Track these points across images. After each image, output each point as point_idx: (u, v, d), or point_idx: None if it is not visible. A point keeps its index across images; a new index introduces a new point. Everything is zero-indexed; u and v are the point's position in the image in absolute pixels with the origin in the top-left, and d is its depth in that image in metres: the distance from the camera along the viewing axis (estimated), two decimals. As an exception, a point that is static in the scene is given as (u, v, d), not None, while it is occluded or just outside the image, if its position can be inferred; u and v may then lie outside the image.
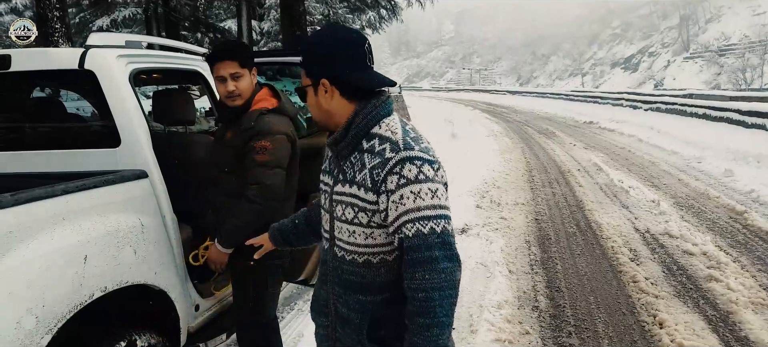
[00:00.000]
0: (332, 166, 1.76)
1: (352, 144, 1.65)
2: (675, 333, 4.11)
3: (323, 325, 1.85)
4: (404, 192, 1.53)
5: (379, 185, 1.56)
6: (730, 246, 6.15)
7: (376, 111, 1.66)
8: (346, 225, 1.66)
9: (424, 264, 1.51)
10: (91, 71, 2.70)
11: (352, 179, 1.63)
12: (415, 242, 1.52)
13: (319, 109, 1.70)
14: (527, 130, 20.84)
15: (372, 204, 1.59)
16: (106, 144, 2.74)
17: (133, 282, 2.41)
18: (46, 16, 10.06)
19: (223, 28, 21.52)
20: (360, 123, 1.64)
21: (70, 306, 2.08)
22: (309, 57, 1.70)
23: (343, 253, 1.70)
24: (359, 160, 1.63)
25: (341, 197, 1.66)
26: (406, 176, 1.53)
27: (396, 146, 1.58)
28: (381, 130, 1.63)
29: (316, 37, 1.72)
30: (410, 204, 1.52)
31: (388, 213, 1.57)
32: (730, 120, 18.84)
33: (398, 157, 1.55)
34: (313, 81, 1.68)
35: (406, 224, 1.53)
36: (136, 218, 2.51)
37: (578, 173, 11.04)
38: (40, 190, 2.08)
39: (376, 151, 1.60)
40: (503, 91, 63.33)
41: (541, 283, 5.20)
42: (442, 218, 1.54)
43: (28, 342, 1.90)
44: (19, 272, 1.93)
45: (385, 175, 1.56)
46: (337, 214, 1.69)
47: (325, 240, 1.79)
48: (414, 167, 1.54)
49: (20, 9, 22.34)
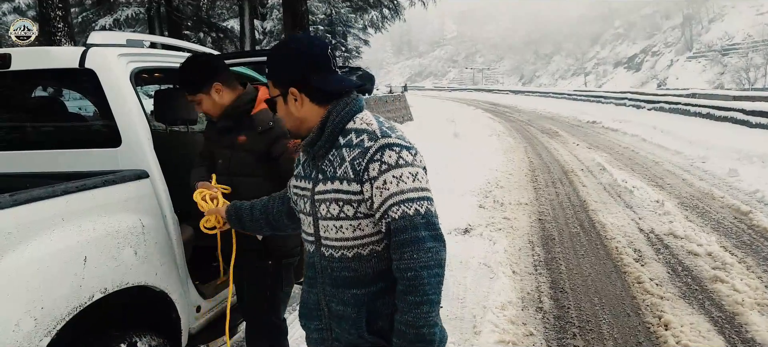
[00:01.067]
0: (309, 169, 1.78)
1: (328, 142, 1.69)
2: (680, 335, 4.07)
3: (317, 328, 1.85)
4: (386, 177, 1.58)
5: (361, 174, 1.61)
6: (735, 247, 6.11)
7: (349, 107, 1.71)
8: (331, 222, 1.68)
9: (411, 244, 1.56)
10: (91, 70, 2.67)
11: (333, 175, 1.66)
12: (402, 223, 1.56)
13: (291, 117, 1.74)
14: (530, 130, 20.79)
15: (356, 194, 1.62)
16: (107, 143, 2.71)
17: (134, 284, 2.38)
18: (49, 15, 10.07)
19: (225, 27, 21.52)
20: (335, 120, 1.68)
21: (70, 308, 2.05)
22: (274, 67, 1.74)
23: (330, 252, 1.71)
24: (338, 156, 1.67)
25: (324, 195, 1.68)
26: (386, 162, 1.59)
27: (373, 135, 1.63)
28: (356, 125, 1.68)
29: (279, 47, 1.77)
30: (393, 188, 1.57)
31: (373, 200, 1.60)
32: (734, 119, 18.80)
33: (377, 145, 1.61)
34: (282, 90, 1.72)
35: (392, 207, 1.57)
36: (136, 218, 2.48)
37: (582, 173, 11.00)
38: (39, 191, 2.06)
39: (355, 143, 1.64)
40: (506, 90, 63.32)
41: (544, 284, 5.17)
42: (425, 200, 1.60)
43: (26, 343, 1.87)
44: (18, 273, 1.91)
45: (366, 163, 1.60)
46: (322, 213, 1.70)
47: (308, 244, 1.81)
48: (393, 153, 1.60)
49: (23, 9, 22.35)
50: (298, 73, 1.69)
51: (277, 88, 1.73)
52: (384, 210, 1.59)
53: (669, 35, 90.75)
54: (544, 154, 14.09)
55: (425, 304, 1.55)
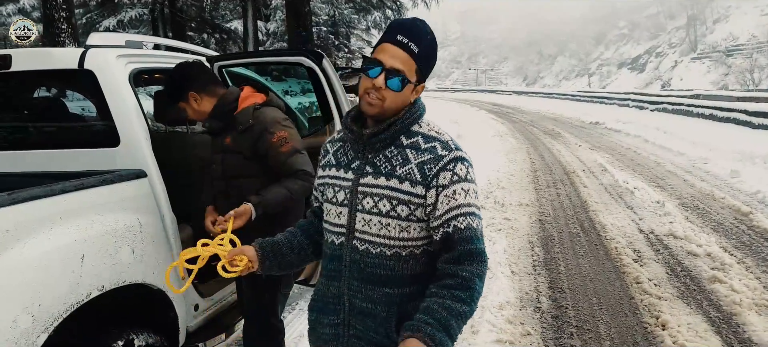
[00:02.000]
0: (351, 158, 1.74)
1: (390, 139, 1.67)
2: (677, 335, 4.08)
3: (332, 323, 1.79)
4: (457, 189, 1.60)
5: (430, 180, 1.61)
6: (734, 248, 6.11)
7: (420, 110, 1.72)
8: (377, 218, 1.65)
9: (474, 255, 1.58)
10: (90, 71, 2.71)
11: (391, 173, 1.64)
12: (468, 234, 1.58)
13: (400, 102, 1.67)
14: (533, 131, 20.79)
15: (418, 197, 1.62)
16: (106, 143, 2.74)
17: (131, 282, 2.41)
18: (53, 16, 10.13)
19: (229, 28, 21.57)
20: (406, 120, 1.67)
21: (67, 305, 2.08)
22: (430, 54, 1.70)
23: (366, 246, 1.68)
24: (399, 155, 1.65)
25: (373, 190, 1.65)
26: (458, 174, 1.61)
27: (447, 145, 1.65)
28: (423, 129, 1.69)
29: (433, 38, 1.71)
30: (462, 199, 1.60)
31: (437, 207, 1.60)
32: (736, 120, 18.77)
33: (452, 156, 1.62)
34: (419, 79, 1.68)
35: (458, 217, 1.59)
36: (134, 217, 2.51)
37: (583, 174, 11.00)
38: (37, 189, 2.09)
39: (424, 147, 1.64)
40: (509, 91, 63.27)
41: (543, 284, 5.19)
42: (480, 219, 1.65)
43: (24, 340, 1.91)
44: (15, 271, 1.94)
45: (437, 171, 1.61)
46: (365, 207, 1.67)
47: (335, 235, 1.75)
48: (464, 167, 1.63)
49: (28, 10, 22.45)
50: (434, 61, 1.71)
51: (418, 74, 1.67)
52: (447, 219, 1.59)
53: (673, 36, 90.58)
54: (546, 154, 14.09)
55: (467, 306, 1.55)
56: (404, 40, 1.63)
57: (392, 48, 1.62)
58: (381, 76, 1.60)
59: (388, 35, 1.65)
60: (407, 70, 1.62)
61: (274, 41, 22.96)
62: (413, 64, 1.64)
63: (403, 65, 1.62)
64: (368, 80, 1.62)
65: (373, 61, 1.64)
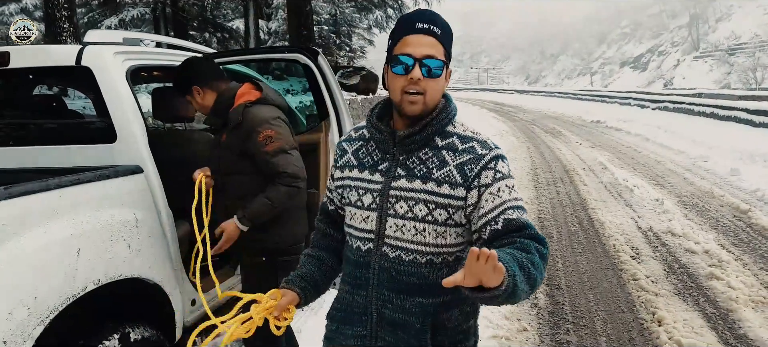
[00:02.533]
0: (378, 160, 1.65)
1: (424, 140, 1.59)
2: (673, 331, 4.10)
3: (359, 335, 1.69)
4: (501, 186, 1.54)
5: (472, 180, 1.54)
6: (732, 245, 6.12)
7: (454, 110, 1.65)
8: (412, 223, 1.57)
9: (537, 238, 1.48)
10: (87, 68, 2.73)
11: (427, 175, 1.56)
12: (521, 222, 1.50)
13: (439, 93, 1.60)
14: (534, 129, 20.78)
15: (459, 200, 1.55)
16: (103, 140, 2.77)
17: (127, 276, 2.44)
18: (55, 16, 10.18)
19: (230, 27, 21.61)
20: (443, 119, 1.60)
21: (63, 299, 2.11)
22: (449, 38, 1.60)
23: (398, 253, 1.59)
24: (435, 157, 1.58)
25: (407, 193, 1.57)
26: (501, 171, 1.55)
27: (485, 144, 1.59)
28: (458, 129, 1.63)
29: (443, 21, 1.61)
30: (507, 196, 1.53)
31: (480, 206, 1.53)
32: (737, 119, 18.75)
33: (492, 154, 1.57)
34: (447, 61, 1.59)
35: (507, 210, 1.51)
36: (130, 212, 2.54)
37: (583, 172, 11.01)
38: (33, 184, 2.12)
39: (461, 148, 1.58)
40: (511, 90, 63.20)
41: (541, 281, 5.20)
42: (527, 213, 1.57)
43: (19, 332, 1.94)
44: (11, 264, 1.97)
45: (479, 170, 1.55)
46: (398, 211, 1.58)
47: (361, 241, 1.65)
48: (505, 165, 1.58)
49: (30, 9, 22.50)
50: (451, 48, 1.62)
51: (446, 58, 1.58)
52: (495, 215, 1.51)
53: (676, 35, 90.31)
54: (546, 153, 14.10)
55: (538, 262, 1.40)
56: (425, 26, 1.54)
57: (416, 37, 1.53)
58: (417, 67, 1.51)
59: (405, 27, 1.56)
60: (438, 54, 1.54)
61: (275, 40, 22.97)
62: (441, 47, 1.56)
63: (434, 50, 1.53)
64: (401, 78, 1.53)
65: (400, 56, 1.53)
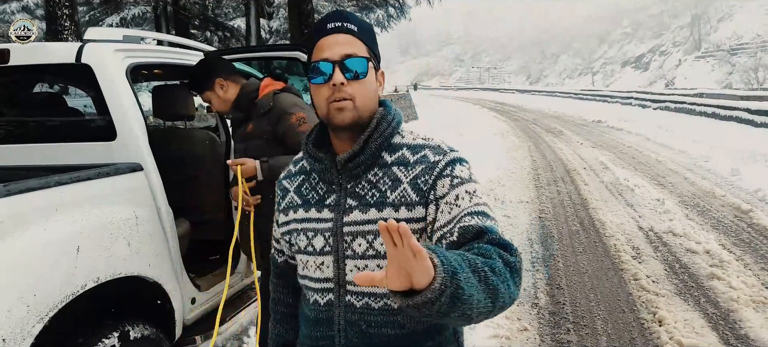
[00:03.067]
0: (324, 193, 1.41)
1: (370, 159, 1.35)
2: (674, 331, 4.09)
3: None
4: (459, 192, 1.30)
5: (428, 193, 1.31)
6: (733, 245, 6.11)
7: (396, 117, 1.42)
8: (375, 261, 1.32)
9: (501, 244, 1.20)
10: (87, 65, 2.73)
11: (382, 201, 1.33)
12: (482, 226, 1.23)
13: (371, 96, 1.37)
14: (535, 129, 20.78)
15: (420, 221, 1.32)
16: (102, 137, 2.77)
17: (127, 274, 2.44)
18: (56, 14, 10.17)
19: (232, 26, 21.61)
20: (385, 130, 1.37)
21: (62, 296, 2.10)
22: (370, 34, 1.40)
23: (365, 300, 1.34)
24: (387, 176, 1.35)
25: (363, 227, 1.33)
26: (458, 176, 1.32)
27: (438, 149, 1.37)
28: (406, 139, 1.40)
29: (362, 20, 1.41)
30: (467, 203, 1.28)
31: (438, 219, 1.30)
32: (739, 119, 18.76)
33: (447, 159, 1.34)
34: (375, 63, 1.38)
35: (464, 218, 1.26)
36: (130, 210, 2.54)
37: (584, 171, 11.00)
38: (33, 181, 2.11)
39: (413, 160, 1.35)
40: (512, 89, 63.24)
41: (541, 280, 5.20)
42: (495, 220, 1.30)
43: (19, 329, 1.93)
44: (11, 261, 1.96)
45: (433, 181, 1.31)
46: (358, 251, 1.33)
47: (319, 294, 1.40)
48: (464, 168, 1.34)
49: (31, 7, 22.51)
50: (376, 42, 1.41)
51: (372, 60, 1.37)
52: (453, 225, 1.26)
53: (677, 34, 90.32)
54: (547, 152, 14.09)
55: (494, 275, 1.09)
56: (337, 24, 1.34)
57: (330, 38, 1.33)
58: (337, 71, 1.30)
59: (317, 34, 1.36)
60: (358, 51, 1.33)
61: (276, 39, 22.97)
62: (362, 44, 1.35)
63: (353, 47, 1.33)
64: (323, 87, 1.32)
65: (318, 64, 1.32)
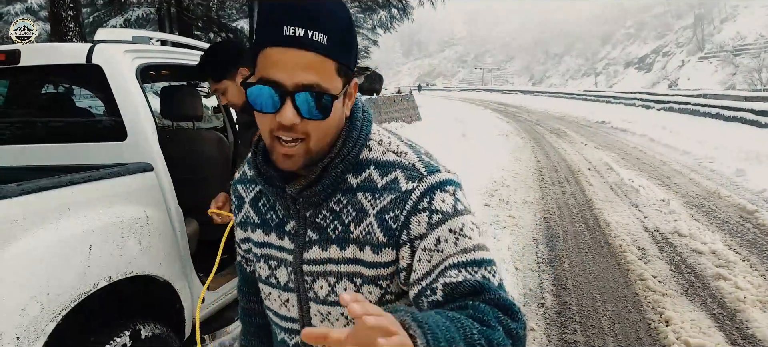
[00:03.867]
0: (283, 217, 1.16)
1: (331, 186, 1.08)
2: (681, 331, 4.09)
3: None
4: (441, 234, 1.02)
5: (399, 233, 1.04)
6: (739, 246, 6.11)
7: (365, 129, 1.11)
8: (339, 309, 1.11)
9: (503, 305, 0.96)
10: (98, 66, 2.74)
11: (344, 237, 1.08)
12: (474, 283, 0.98)
13: (334, 129, 1.06)
14: (538, 130, 20.77)
15: (388, 266, 1.07)
16: (113, 137, 2.78)
17: (138, 273, 2.44)
18: (60, 15, 10.21)
19: (235, 28, 21.64)
20: (349, 152, 1.07)
21: (75, 295, 2.11)
22: (347, 38, 1.02)
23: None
24: (351, 204, 1.08)
25: (324, 267, 1.10)
26: (439, 210, 1.03)
27: (412, 172, 1.07)
28: (374, 153, 1.10)
29: (339, 5, 1.02)
30: (450, 248, 1.02)
31: (415, 269, 1.04)
32: (743, 120, 18.73)
33: (424, 187, 1.05)
34: (346, 78, 1.03)
35: (448, 271, 1.00)
36: (141, 210, 2.55)
37: (588, 172, 11.00)
38: (46, 181, 2.12)
39: (380, 185, 1.07)
40: (515, 90, 63.21)
41: (547, 281, 5.20)
42: (493, 264, 1.04)
43: (33, 328, 1.94)
44: (24, 260, 1.97)
45: (406, 217, 1.04)
46: (319, 294, 1.12)
47: (286, 334, 1.21)
48: (447, 196, 1.05)
49: (35, 9, 22.58)
50: (354, 38, 1.05)
51: (342, 76, 1.02)
52: (434, 278, 1.01)
53: (680, 35, 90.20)
54: (551, 153, 14.08)
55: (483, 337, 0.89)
56: (299, 33, 0.95)
57: (285, 53, 0.96)
58: (288, 106, 0.96)
59: (267, 32, 0.97)
60: (325, 79, 0.98)
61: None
62: (331, 65, 0.98)
63: (317, 74, 0.97)
64: (267, 118, 0.99)
65: (263, 84, 0.97)
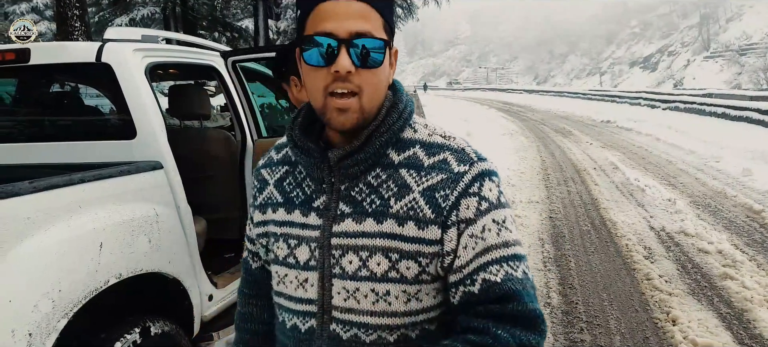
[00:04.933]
0: (311, 193, 1.12)
1: (372, 157, 1.06)
2: (688, 330, 4.08)
3: None
4: (486, 222, 1.02)
5: (448, 213, 1.02)
6: (746, 245, 6.09)
7: (408, 106, 1.11)
8: (368, 285, 1.05)
9: (520, 318, 0.99)
10: (108, 64, 2.76)
11: (383, 211, 1.04)
12: (508, 288, 0.99)
13: (383, 90, 1.06)
14: (543, 129, 20.75)
15: (432, 244, 1.03)
16: (122, 136, 2.79)
17: (148, 270, 2.46)
18: (66, 15, 10.26)
19: (240, 27, 21.69)
20: (394, 123, 1.06)
21: (86, 292, 2.13)
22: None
23: (354, 332, 1.06)
24: (392, 180, 1.05)
25: (356, 241, 1.05)
26: (487, 198, 1.03)
27: (463, 156, 1.06)
28: (420, 134, 1.09)
29: None
30: (493, 238, 1.02)
31: (458, 255, 1.02)
32: (749, 119, 18.67)
33: (476, 171, 1.04)
34: (390, 39, 1.05)
35: (490, 266, 1.01)
36: (150, 208, 2.56)
37: (594, 172, 10.98)
38: (57, 179, 2.14)
39: (428, 164, 1.05)
40: (520, 90, 63.13)
41: (553, 280, 5.20)
42: (526, 260, 1.06)
43: (45, 324, 1.96)
44: (36, 257, 1.99)
45: (457, 198, 1.02)
46: (348, 270, 1.06)
47: (298, 317, 1.13)
48: (494, 186, 1.05)
49: (41, 8, 22.69)
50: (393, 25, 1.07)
51: (386, 32, 1.02)
52: (473, 270, 1.01)
53: (686, 35, 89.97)
54: (556, 152, 14.07)
55: None
56: None
57: (336, 5, 0.97)
58: (343, 54, 0.96)
59: None
60: (375, 29, 0.99)
61: (284, 39, 23.03)
62: (378, 18, 1.00)
63: (368, 22, 0.98)
64: (320, 72, 0.98)
65: (315, 36, 0.98)
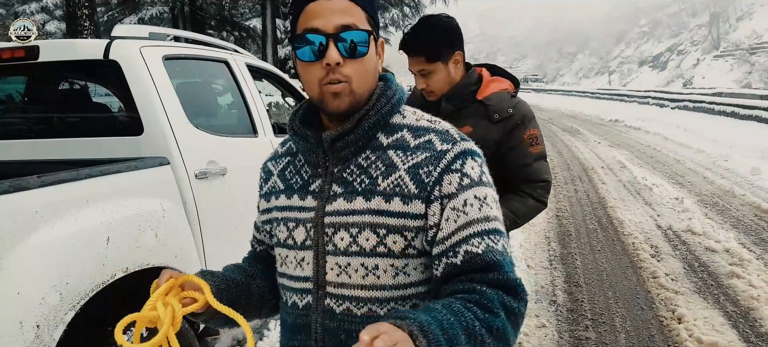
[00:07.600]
0: (308, 178, 1.22)
1: (363, 139, 1.16)
2: (693, 328, 4.07)
3: None
4: (468, 197, 1.09)
5: (431, 188, 1.09)
6: (753, 244, 6.06)
7: (398, 93, 1.21)
8: (358, 260, 1.12)
9: (506, 287, 1.05)
10: (115, 61, 2.79)
11: (371, 188, 1.12)
12: (489, 259, 1.06)
13: (372, 77, 1.18)
14: (551, 128, 20.69)
15: (417, 218, 1.10)
16: (130, 132, 2.83)
17: (154, 264, 2.49)
18: (76, 14, 10.35)
19: (248, 26, 21.76)
20: (383, 107, 1.16)
21: (93, 285, 2.16)
22: None
23: (347, 305, 1.13)
24: (380, 160, 1.14)
25: (347, 218, 1.13)
26: (469, 175, 1.11)
27: (446, 136, 1.15)
28: (408, 119, 1.20)
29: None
30: (475, 213, 1.09)
31: (441, 227, 1.09)
32: (759, 118, 18.54)
33: (458, 150, 1.13)
34: (376, 33, 1.21)
35: (471, 239, 1.07)
36: (157, 203, 2.59)
37: (602, 171, 10.95)
38: (64, 174, 2.17)
39: (414, 144, 1.14)
40: (528, 89, 62.97)
41: (559, 278, 5.20)
42: (507, 237, 1.14)
43: (52, 317, 1.99)
44: (44, 250, 2.02)
45: (440, 174, 1.10)
46: (340, 246, 1.13)
47: (297, 294, 1.20)
48: (476, 165, 1.13)
49: (51, 8, 22.82)
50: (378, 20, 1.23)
51: (371, 25, 1.17)
52: (456, 242, 1.08)
53: (695, 33, 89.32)
54: (564, 151, 14.03)
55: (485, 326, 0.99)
56: None
57: (320, 4, 1.09)
58: (331, 48, 1.08)
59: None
60: (359, 21, 1.12)
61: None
62: (361, 12, 1.13)
63: (351, 16, 1.10)
64: (313, 66, 1.10)
65: (305, 34, 1.10)
